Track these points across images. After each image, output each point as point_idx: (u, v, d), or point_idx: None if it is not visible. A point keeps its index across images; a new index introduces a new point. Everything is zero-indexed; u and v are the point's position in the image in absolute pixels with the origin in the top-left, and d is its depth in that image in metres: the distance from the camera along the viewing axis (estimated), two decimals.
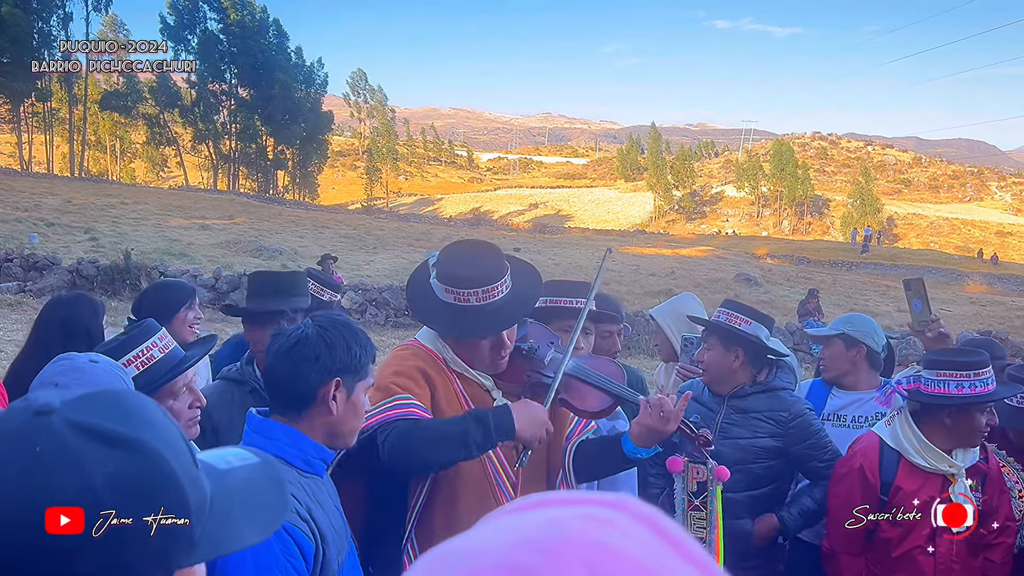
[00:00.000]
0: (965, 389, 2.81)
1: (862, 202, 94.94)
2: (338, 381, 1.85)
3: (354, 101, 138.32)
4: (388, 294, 16.82)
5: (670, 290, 25.07)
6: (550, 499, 0.55)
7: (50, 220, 25.87)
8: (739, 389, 3.24)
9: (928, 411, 2.92)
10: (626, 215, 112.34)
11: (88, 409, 0.79)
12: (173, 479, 0.78)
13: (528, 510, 0.53)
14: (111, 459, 0.75)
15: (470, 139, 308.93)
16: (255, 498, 0.92)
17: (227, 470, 0.92)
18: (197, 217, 33.02)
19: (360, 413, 1.94)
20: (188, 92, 71.38)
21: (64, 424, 0.76)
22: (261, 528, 0.91)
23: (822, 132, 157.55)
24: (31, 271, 16.30)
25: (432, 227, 49.75)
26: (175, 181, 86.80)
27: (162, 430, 0.81)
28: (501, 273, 2.38)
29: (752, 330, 3.17)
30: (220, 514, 0.84)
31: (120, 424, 0.78)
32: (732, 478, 3.11)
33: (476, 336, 2.37)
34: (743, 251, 48.29)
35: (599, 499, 0.53)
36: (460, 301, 2.34)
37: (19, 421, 0.76)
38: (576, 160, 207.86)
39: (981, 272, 45.76)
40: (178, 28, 69.22)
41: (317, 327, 1.87)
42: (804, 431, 3.18)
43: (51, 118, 69.15)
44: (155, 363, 2.10)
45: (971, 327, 20.43)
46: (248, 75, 71.31)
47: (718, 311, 3.29)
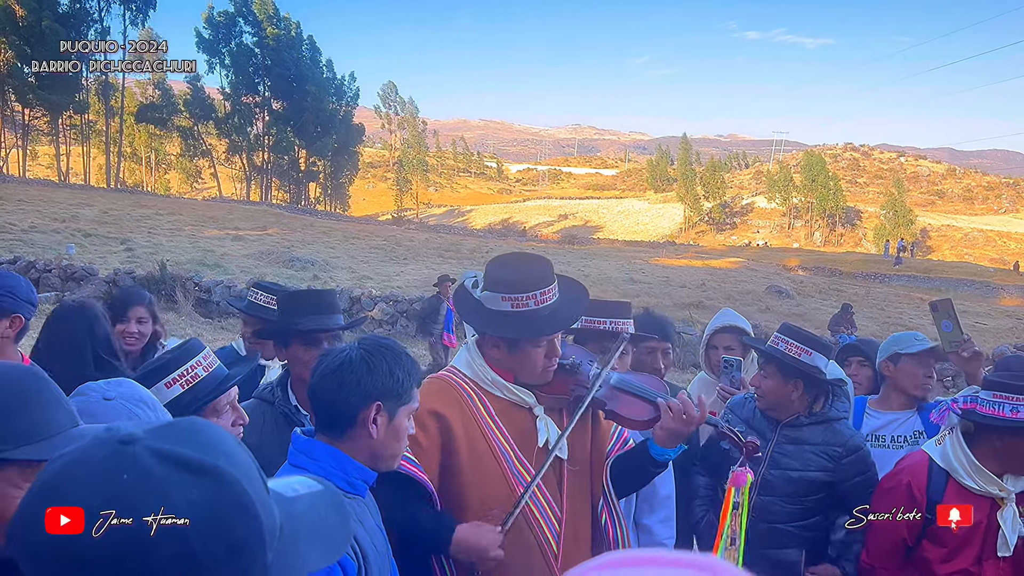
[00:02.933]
0: (1021, 413, 2.75)
1: (895, 213, 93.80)
2: (379, 405, 1.85)
3: (385, 113, 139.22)
4: (419, 305, 16.88)
5: (700, 302, 24.92)
6: (640, 559, 0.53)
7: (87, 231, 26.27)
8: (794, 419, 3.16)
9: (981, 432, 2.86)
10: (655, 226, 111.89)
11: (170, 438, 0.82)
12: (250, 506, 0.81)
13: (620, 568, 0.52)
14: (194, 486, 0.78)
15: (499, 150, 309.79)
16: (320, 524, 0.95)
17: (294, 497, 0.95)
18: (230, 228, 33.36)
19: (402, 437, 1.92)
20: (222, 104, 72.32)
21: (147, 453, 0.79)
22: (327, 553, 0.94)
23: (854, 143, 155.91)
24: (69, 281, 16.58)
25: (462, 238, 49.88)
26: (209, 192, 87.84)
27: (238, 458, 0.84)
28: (551, 277, 2.41)
29: (812, 360, 3.07)
30: (289, 540, 0.87)
31: (200, 452, 0.81)
32: (782, 509, 3.08)
33: (542, 336, 2.36)
34: (774, 263, 47.87)
35: (690, 561, 0.51)
36: (518, 307, 2.34)
37: (106, 451, 0.79)
38: (605, 171, 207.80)
39: (1017, 285, 44.86)
40: (213, 41, 70.19)
41: (362, 350, 1.87)
42: (857, 467, 3.10)
43: (88, 130, 70.42)
44: (200, 381, 2.10)
45: (1007, 341, 20.07)
46: (281, 88, 72.08)
47: (775, 337, 3.19)
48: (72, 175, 70.46)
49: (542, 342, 2.38)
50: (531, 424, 2.43)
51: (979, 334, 23.39)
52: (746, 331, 3.80)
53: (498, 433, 2.39)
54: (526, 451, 2.40)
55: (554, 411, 2.50)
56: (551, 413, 2.48)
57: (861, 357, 3.93)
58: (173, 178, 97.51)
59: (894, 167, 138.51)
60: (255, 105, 73.49)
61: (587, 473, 2.54)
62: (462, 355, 2.53)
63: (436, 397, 2.40)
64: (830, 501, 3.14)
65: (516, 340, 2.37)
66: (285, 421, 2.72)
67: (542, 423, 2.44)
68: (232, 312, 16.03)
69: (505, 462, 2.36)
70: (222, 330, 14.71)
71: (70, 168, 71.69)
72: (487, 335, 2.44)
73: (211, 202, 56.89)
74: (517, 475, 2.36)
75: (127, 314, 3.70)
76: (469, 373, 2.46)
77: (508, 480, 2.35)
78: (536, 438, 2.42)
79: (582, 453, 2.53)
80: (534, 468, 2.38)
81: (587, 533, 2.51)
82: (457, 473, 2.33)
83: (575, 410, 2.46)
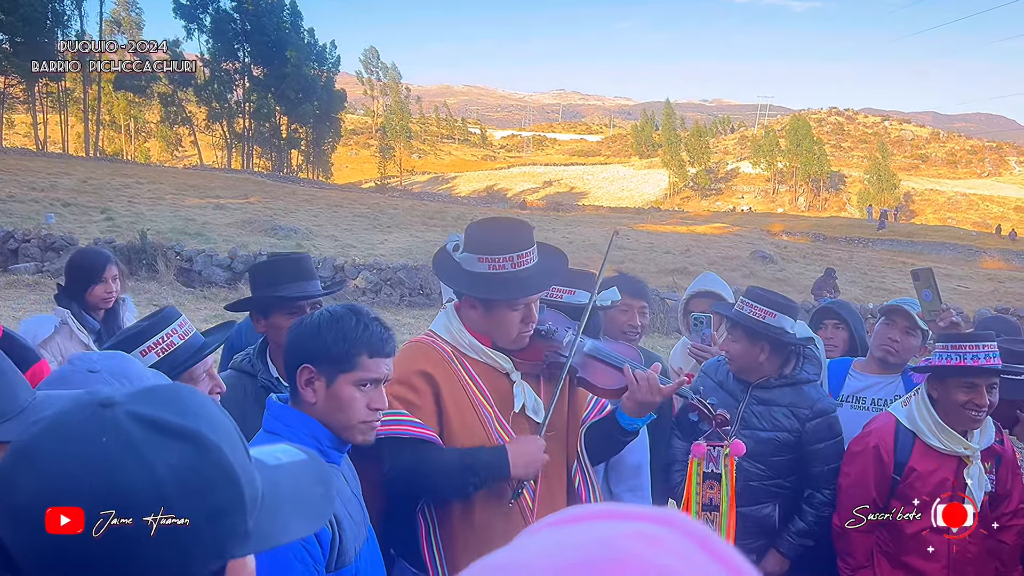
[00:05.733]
0: (955, 360, 2.84)
1: (879, 178, 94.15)
2: (309, 368, 1.85)
3: (367, 79, 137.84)
4: (403, 273, 16.85)
5: (685, 268, 24.97)
6: (595, 513, 0.53)
7: (66, 200, 25.95)
8: (765, 381, 3.22)
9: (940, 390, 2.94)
10: (640, 192, 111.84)
11: (151, 402, 0.81)
12: (231, 472, 0.81)
13: (573, 523, 0.52)
14: (173, 451, 0.77)
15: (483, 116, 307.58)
16: (303, 493, 0.95)
17: (277, 466, 0.95)
18: (212, 196, 33.05)
19: (347, 408, 1.87)
20: (202, 71, 71.30)
21: (127, 416, 0.78)
22: (309, 522, 0.94)
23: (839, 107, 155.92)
24: (48, 251, 16.42)
25: (446, 206, 49.68)
26: (190, 160, 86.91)
27: (219, 425, 0.84)
28: (531, 241, 2.42)
29: (777, 323, 3.12)
30: (271, 507, 0.87)
31: (181, 417, 0.80)
32: (754, 469, 3.13)
33: (517, 297, 2.38)
34: (758, 228, 47.92)
35: (646, 514, 0.51)
36: (495, 268, 2.36)
37: (84, 414, 0.79)
38: (590, 137, 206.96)
39: (999, 248, 45.29)
40: (191, 7, 69.06)
41: (317, 315, 1.90)
42: (822, 433, 3.15)
43: (65, 98, 69.24)
44: (175, 349, 2.11)
45: (988, 304, 20.27)
46: (261, 54, 71.08)
47: (742, 301, 3.24)
48: (50, 144, 69.54)
49: (518, 305, 2.39)
50: (508, 388, 2.46)
51: (961, 297, 23.61)
52: (722, 296, 3.83)
53: (479, 395, 2.41)
54: (505, 414, 2.43)
55: (531, 377, 2.52)
56: (527, 379, 2.51)
57: (836, 320, 3.97)
58: (153, 146, 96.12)
59: (878, 131, 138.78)
60: (235, 71, 72.54)
61: (563, 438, 2.57)
62: (440, 319, 2.53)
63: (423, 358, 2.42)
64: (798, 461, 3.19)
65: (492, 302, 2.39)
66: (266, 395, 2.69)
67: (519, 388, 2.46)
68: (215, 282, 15.96)
69: (488, 423, 2.40)
70: (204, 299, 14.63)
71: (47, 137, 70.69)
72: (464, 296, 2.45)
73: (192, 170, 56.36)
74: (498, 437, 2.39)
75: (103, 275, 3.76)
76: (447, 337, 2.47)
77: (491, 441, 2.38)
78: (513, 403, 2.45)
79: (559, 418, 2.55)
80: (512, 431, 2.42)
81: (562, 495, 2.55)
82: (448, 432, 2.36)
83: (552, 377, 2.49)
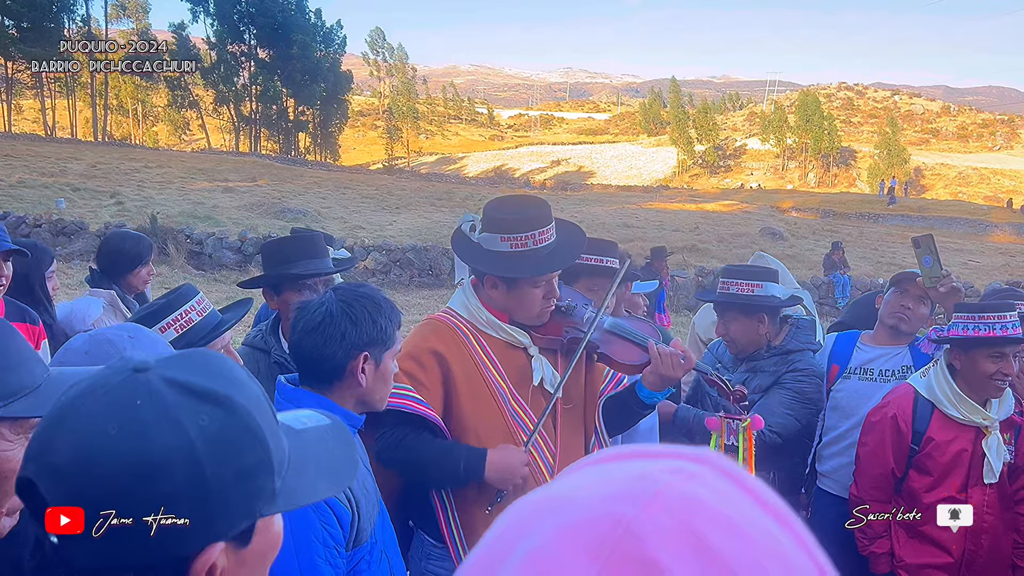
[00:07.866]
0: (971, 331, 2.85)
1: (889, 153, 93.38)
2: (366, 355, 1.88)
3: (373, 60, 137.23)
4: (412, 254, 16.87)
5: (694, 245, 24.92)
6: (635, 452, 0.55)
7: (76, 185, 26.03)
8: (756, 352, 3.30)
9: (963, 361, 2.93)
10: (649, 170, 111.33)
11: (182, 367, 0.86)
12: (259, 435, 0.85)
13: (615, 462, 0.54)
14: (204, 414, 0.82)
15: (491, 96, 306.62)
16: (327, 455, 0.99)
17: (302, 430, 0.99)
18: (220, 180, 33.07)
19: (388, 380, 1.97)
20: (208, 54, 71.14)
21: (160, 380, 0.82)
22: (334, 482, 0.98)
23: (848, 82, 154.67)
24: (59, 236, 16.50)
25: (454, 186, 49.60)
26: (198, 144, 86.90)
27: (248, 389, 0.88)
28: (550, 218, 2.43)
29: (766, 291, 3.19)
30: (297, 468, 0.91)
31: (211, 382, 0.84)
32: None
33: (542, 274, 2.39)
34: (768, 204, 47.67)
35: (683, 453, 0.54)
36: (518, 247, 2.36)
37: (119, 378, 0.83)
38: (598, 115, 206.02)
39: (1010, 222, 44.92)
40: None
41: (341, 302, 1.88)
42: (795, 374, 3.23)
43: (73, 83, 69.24)
44: (193, 326, 2.14)
45: (999, 278, 20.16)
46: (267, 36, 70.81)
47: (722, 283, 3.30)
48: (59, 129, 69.65)
49: (540, 281, 2.41)
50: (526, 363, 2.48)
51: (972, 271, 23.49)
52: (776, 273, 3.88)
53: (494, 372, 2.43)
54: (521, 390, 2.46)
55: (548, 351, 2.54)
56: (545, 353, 2.53)
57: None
58: (161, 130, 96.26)
59: (888, 106, 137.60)
60: (241, 54, 72.34)
61: (580, 410, 2.61)
62: (458, 296, 2.56)
63: (435, 336, 2.44)
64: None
65: (515, 279, 2.40)
66: (280, 370, 2.70)
67: (537, 363, 2.49)
68: (225, 264, 16.02)
69: (502, 400, 2.42)
70: (215, 282, 14.70)
71: (56, 122, 70.80)
72: (486, 275, 2.46)
73: (200, 154, 56.36)
74: (513, 413, 2.42)
75: (148, 258, 3.94)
76: (465, 314, 2.49)
77: (505, 417, 2.41)
78: (532, 377, 2.47)
79: (576, 391, 2.59)
80: (529, 406, 2.44)
81: None
82: (457, 410, 2.39)
83: (571, 353, 2.50)
